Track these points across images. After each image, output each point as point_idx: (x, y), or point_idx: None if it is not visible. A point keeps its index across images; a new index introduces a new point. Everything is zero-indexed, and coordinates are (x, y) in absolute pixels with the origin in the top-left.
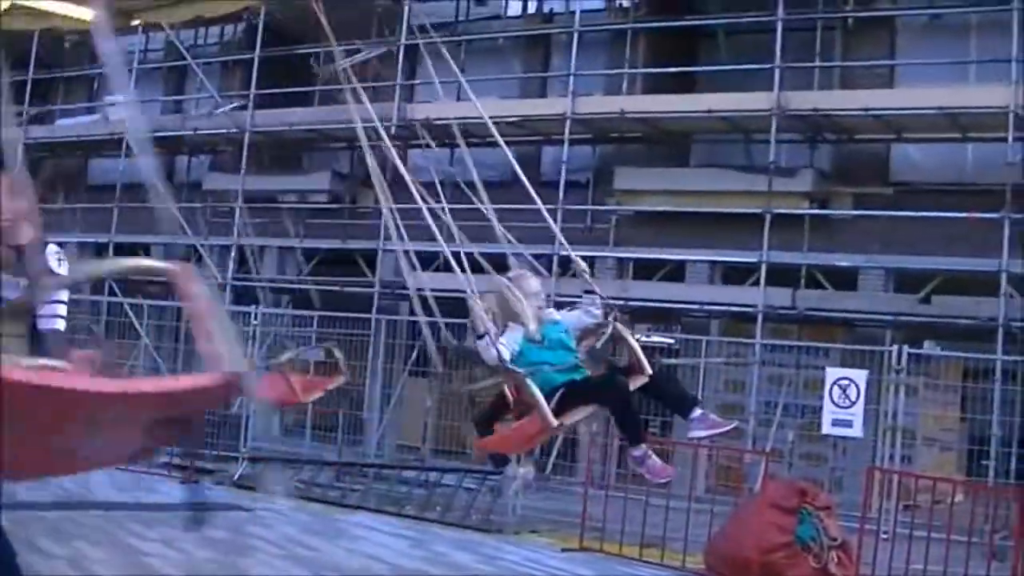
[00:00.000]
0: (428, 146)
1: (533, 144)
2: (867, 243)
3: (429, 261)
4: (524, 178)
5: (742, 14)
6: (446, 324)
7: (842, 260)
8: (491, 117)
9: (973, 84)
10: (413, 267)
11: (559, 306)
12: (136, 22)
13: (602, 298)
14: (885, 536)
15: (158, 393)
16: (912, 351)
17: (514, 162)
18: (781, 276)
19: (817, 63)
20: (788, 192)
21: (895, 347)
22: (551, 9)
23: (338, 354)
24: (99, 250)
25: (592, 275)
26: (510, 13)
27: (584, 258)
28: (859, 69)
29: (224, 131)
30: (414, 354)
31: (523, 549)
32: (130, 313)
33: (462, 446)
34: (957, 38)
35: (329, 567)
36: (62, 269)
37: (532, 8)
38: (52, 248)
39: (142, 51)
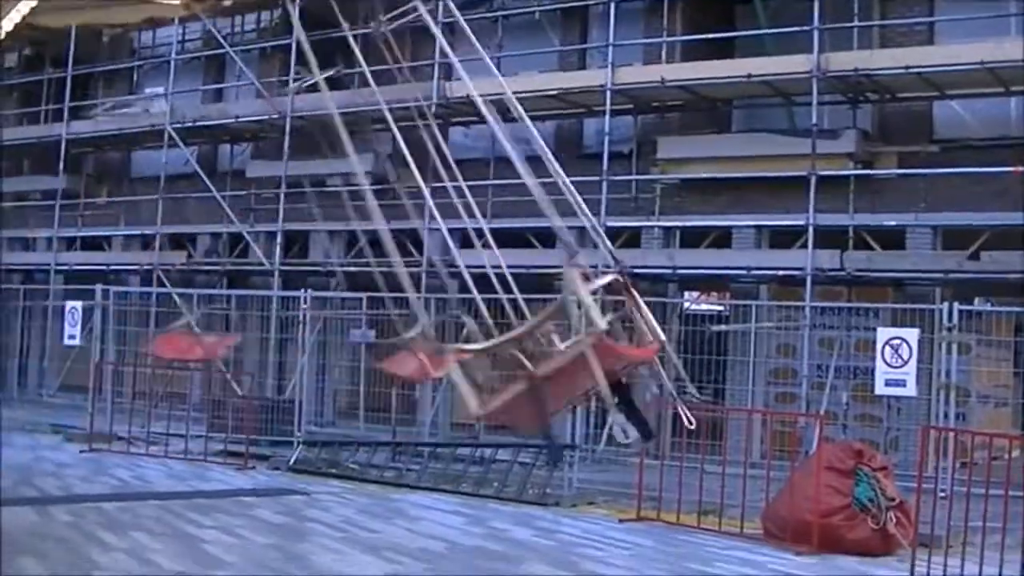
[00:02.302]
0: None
1: (574, 117)
2: (913, 202)
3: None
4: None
5: None
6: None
7: (889, 220)
8: (531, 91)
9: (1014, 38)
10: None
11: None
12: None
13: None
14: (943, 495)
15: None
16: (963, 308)
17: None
18: (828, 238)
19: (856, 23)
20: (832, 154)
21: (945, 305)
22: None
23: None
24: (146, 242)
25: (638, 246)
26: None
27: (630, 228)
28: (898, 27)
29: (265, 118)
30: (464, 331)
31: (581, 521)
32: (180, 304)
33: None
34: None
35: (389, 547)
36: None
37: None
38: None
39: (180, 42)
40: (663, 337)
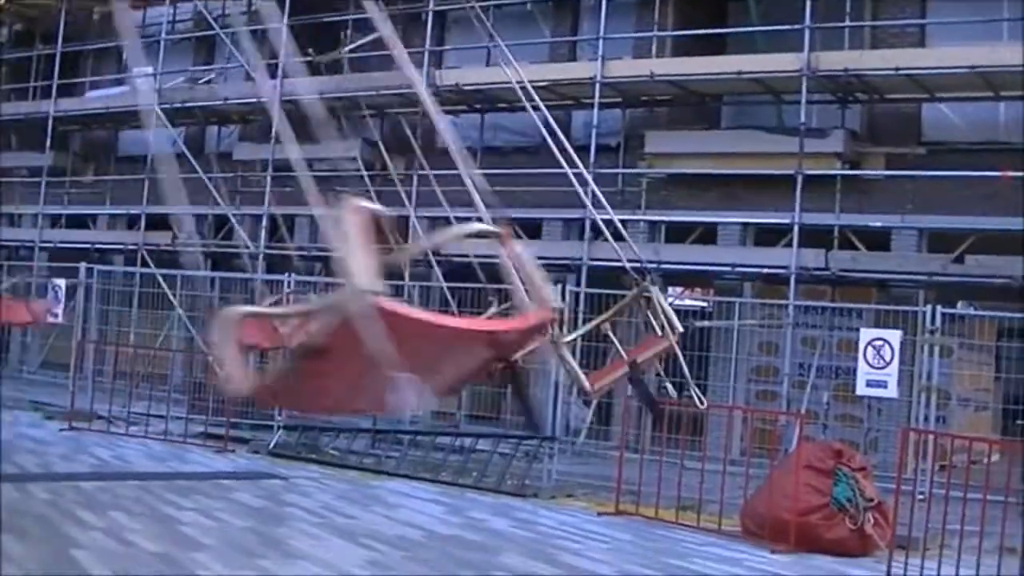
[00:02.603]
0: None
1: (563, 109)
2: (899, 203)
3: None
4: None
5: None
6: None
7: (874, 221)
8: (520, 82)
9: (1005, 43)
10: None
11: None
12: None
13: None
14: (921, 496)
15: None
16: (946, 311)
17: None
18: (813, 237)
19: (847, 23)
20: (819, 153)
21: (928, 307)
22: None
23: None
24: (131, 221)
25: (623, 239)
26: None
27: (615, 222)
28: (889, 28)
29: (253, 100)
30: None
31: (559, 513)
32: (163, 284)
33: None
34: None
35: (366, 534)
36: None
37: None
38: None
39: (170, 22)
40: (679, 327)
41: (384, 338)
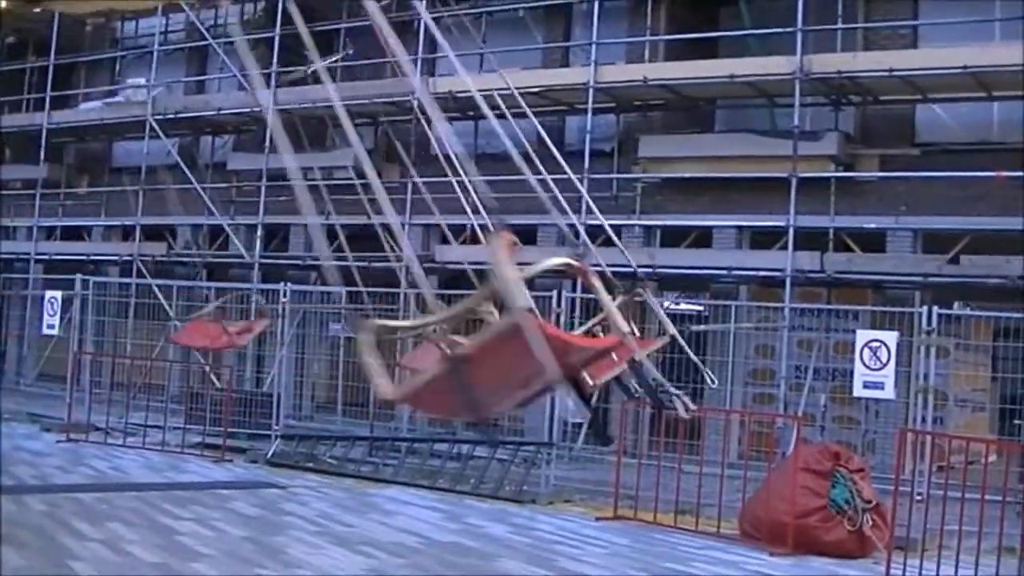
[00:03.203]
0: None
1: (557, 114)
2: (894, 205)
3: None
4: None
5: None
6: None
7: (869, 222)
8: (514, 88)
9: (998, 43)
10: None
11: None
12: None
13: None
14: (919, 497)
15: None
16: (942, 312)
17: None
18: (808, 240)
19: (840, 25)
20: (813, 156)
21: (924, 308)
22: None
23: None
24: (126, 233)
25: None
26: None
27: (610, 226)
28: (882, 30)
29: (247, 110)
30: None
31: (557, 519)
32: (158, 294)
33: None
34: None
35: (364, 542)
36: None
37: None
38: None
39: (163, 33)
40: (671, 330)
41: (547, 348)
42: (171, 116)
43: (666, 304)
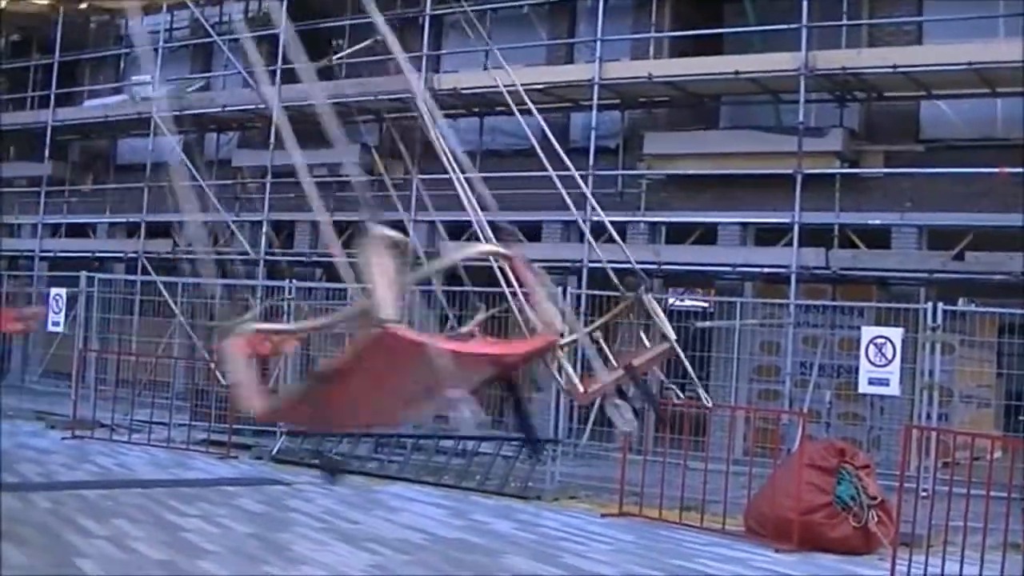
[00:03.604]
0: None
1: (561, 111)
2: (899, 201)
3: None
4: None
5: None
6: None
7: (874, 219)
8: (511, 85)
9: (1002, 39)
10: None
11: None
12: None
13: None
14: (924, 494)
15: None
16: (947, 308)
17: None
18: (813, 236)
19: (844, 22)
20: (818, 152)
21: (929, 304)
22: None
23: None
24: (131, 230)
25: (624, 241)
26: None
27: (615, 223)
28: (886, 27)
29: (252, 107)
30: (448, 323)
31: (563, 515)
32: (164, 292)
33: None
34: None
35: (370, 538)
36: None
37: None
38: None
39: (167, 30)
40: (672, 336)
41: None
42: (176, 113)
43: (671, 301)
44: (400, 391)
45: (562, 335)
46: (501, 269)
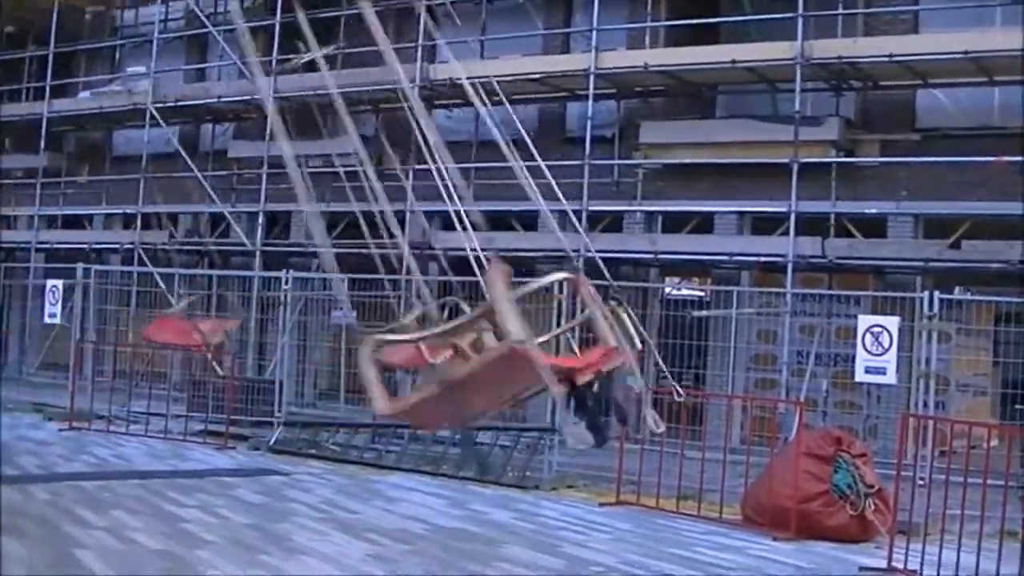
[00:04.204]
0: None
1: (557, 101)
2: (895, 190)
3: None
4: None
5: None
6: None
7: (870, 208)
8: (514, 75)
9: (998, 28)
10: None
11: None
12: None
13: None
14: (921, 482)
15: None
16: (943, 297)
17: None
18: (810, 225)
19: (840, 10)
20: (814, 141)
21: (926, 293)
22: None
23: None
24: (127, 221)
25: (620, 230)
26: None
27: (612, 213)
28: (882, 16)
29: (247, 98)
30: (445, 313)
31: (561, 505)
32: (161, 283)
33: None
34: None
35: (369, 528)
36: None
37: None
38: None
39: (162, 21)
40: (638, 344)
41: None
42: (171, 104)
43: (667, 290)
44: (499, 393)
45: (617, 348)
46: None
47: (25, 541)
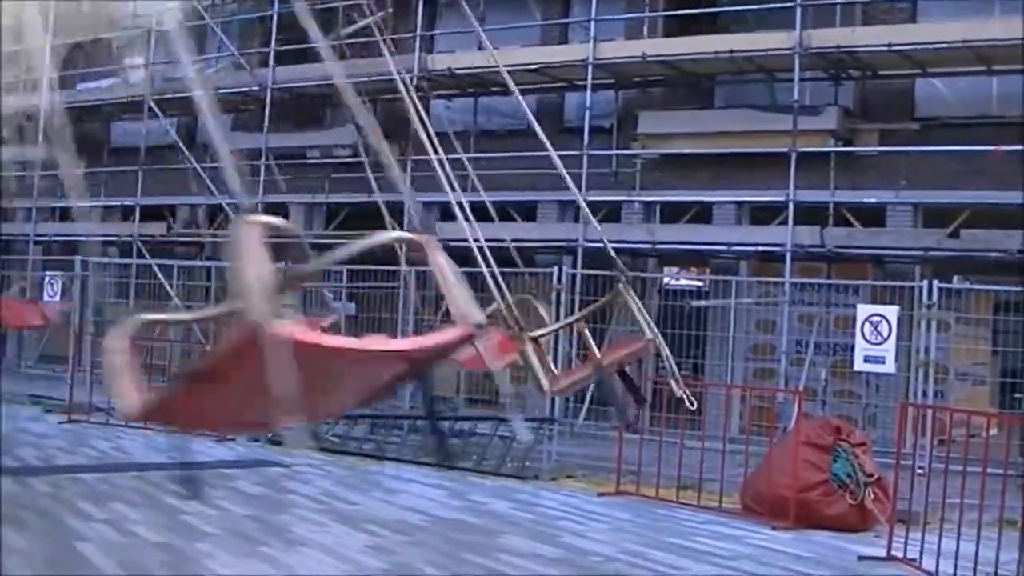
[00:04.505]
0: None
1: (555, 91)
2: (894, 179)
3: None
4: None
5: None
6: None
7: (869, 197)
8: (512, 65)
9: (997, 17)
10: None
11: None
12: None
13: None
14: (920, 471)
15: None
16: (942, 286)
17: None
18: (808, 215)
19: (839, 0)
20: (813, 130)
21: (925, 282)
22: None
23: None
24: (125, 213)
25: (618, 220)
26: None
27: (610, 203)
28: (881, 5)
29: (246, 89)
30: (445, 304)
31: (560, 495)
32: (159, 275)
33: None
34: None
35: (368, 520)
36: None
37: None
38: None
39: (160, 11)
40: (648, 333)
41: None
42: (169, 96)
43: (666, 280)
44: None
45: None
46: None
47: (26, 533)
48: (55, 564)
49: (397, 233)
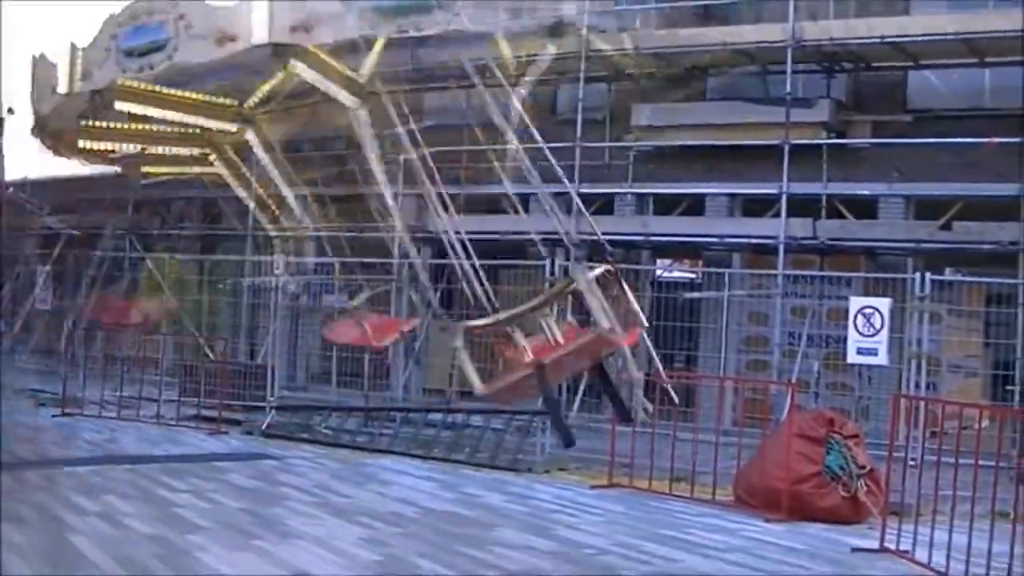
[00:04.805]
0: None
1: (548, 83)
2: (886, 171)
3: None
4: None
5: None
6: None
7: (862, 189)
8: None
9: (990, 9)
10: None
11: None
12: None
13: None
14: (913, 463)
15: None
16: (934, 278)
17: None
18: (801, 207)
19: None
20: (806, 123)
21: (917, 274)
22: None
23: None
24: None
25: (611, 212)
26: None
27: (603, 195)
28: None
29: None
30: (438, 296)
31: (553, 487)
32: (153, 268)
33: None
34: None
35: (361, 512)
36: None
37: None
38: None
39: None
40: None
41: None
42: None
43: (659, 272)
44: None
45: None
46: None
47: (21, 527)
48: (49, 557)
49: (604, 268)
